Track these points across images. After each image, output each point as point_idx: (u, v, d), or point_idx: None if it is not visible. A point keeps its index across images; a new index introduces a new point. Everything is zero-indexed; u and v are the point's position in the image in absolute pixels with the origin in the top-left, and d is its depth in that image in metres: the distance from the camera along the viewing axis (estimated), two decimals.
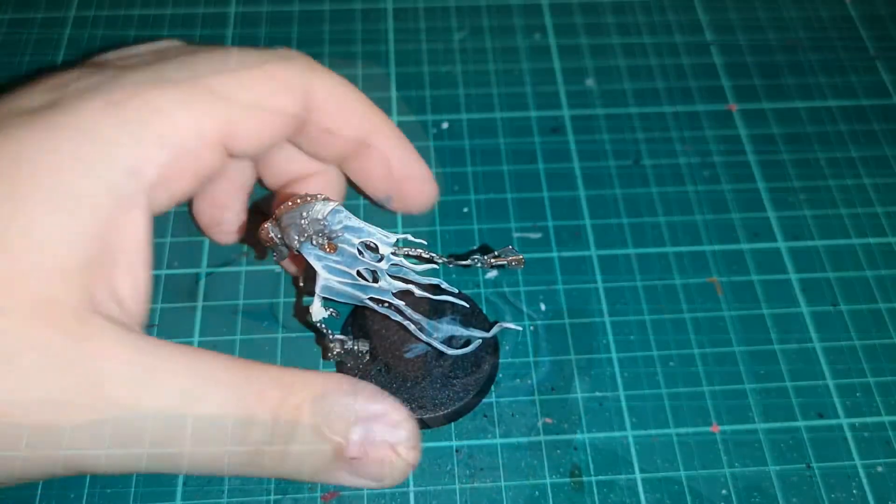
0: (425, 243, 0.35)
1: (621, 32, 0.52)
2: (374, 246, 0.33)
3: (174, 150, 0.25)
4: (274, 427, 0.24)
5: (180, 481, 0.34)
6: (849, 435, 0.36)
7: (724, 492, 0.35)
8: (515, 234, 0.42)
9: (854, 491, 0.35)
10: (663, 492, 0.35)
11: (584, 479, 0.35)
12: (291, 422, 0.24)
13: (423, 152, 0.46)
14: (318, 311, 0.32)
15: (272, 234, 0.33)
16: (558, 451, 0.36)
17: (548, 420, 0.37)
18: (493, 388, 0.37)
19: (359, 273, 0.33)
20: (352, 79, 0.49)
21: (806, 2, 0.54)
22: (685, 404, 0.37)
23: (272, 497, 0.34)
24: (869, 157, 0.46)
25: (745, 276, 0.41)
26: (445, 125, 0.47)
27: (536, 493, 0.35)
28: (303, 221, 0.32)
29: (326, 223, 0.32)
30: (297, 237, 0.32)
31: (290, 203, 0.32)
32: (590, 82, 0.49)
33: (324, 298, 0.33)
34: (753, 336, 0.39)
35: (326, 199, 0.32)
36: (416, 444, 0.27)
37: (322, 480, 0.26)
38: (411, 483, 0.35)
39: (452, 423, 0.36)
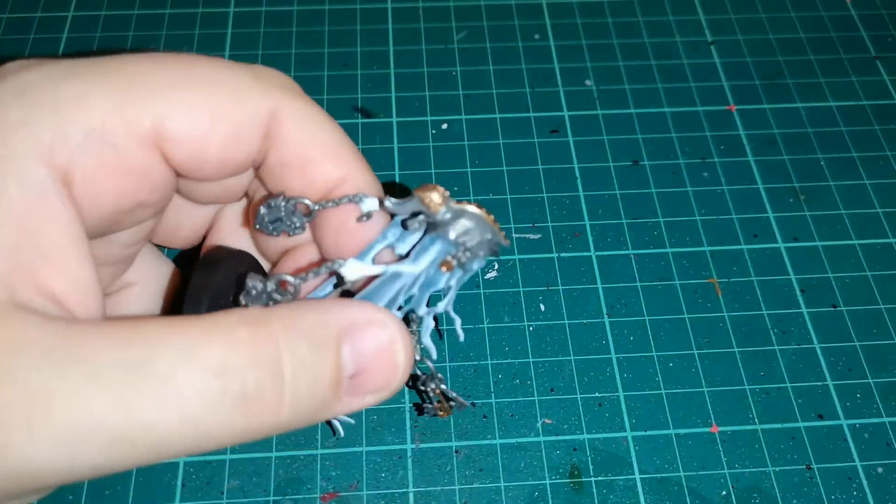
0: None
1: (621, 33, 0.52)
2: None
3: (94, 138, 0.22)
4: (256, 367, 0.21)
5: (179, 482, 0.34)
6: (849, 436, 0.36)
7: (723, 492, 0.35)
8: (515, 235, 0.42)
9: (854, 492, 0.35)
10: (663, 492, 0.35)
11: (584, 479, 0.35)
12: (274, 359, 0.21)
13: (423, 152, 0.46)
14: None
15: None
16: (558, 452, 0.36)
17: (548, 420, 0.36)
18: (492, 388, 0.37)
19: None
20: (352, 79, 0.50)
21: (806, 2, 0.54)
22: (685, 404, 0.37)
23: (271, 497, 0.34)
24: (869, 157, 0.46)
25: (744, 276, 0.41)
26: (445, 125, 0.47)
27: (536, 493, 0.35)
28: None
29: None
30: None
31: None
32: (589, 83, 0.49)
33: None
34: (753, 337, 0.39)
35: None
36: (406, 336, 0.24)
37: (328, 415, 0.23)
38: (411, 483, 0.35)
39: (452, 424, 0.36)
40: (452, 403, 0.31)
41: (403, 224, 0.27)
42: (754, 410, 0.37)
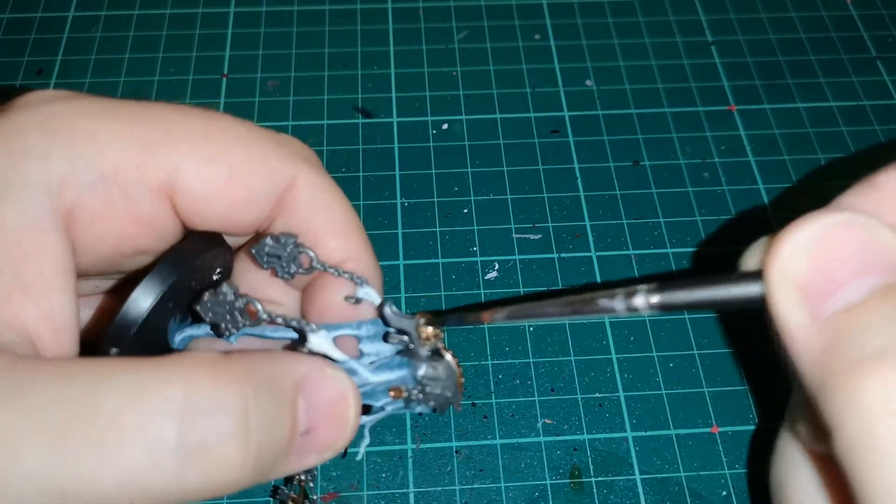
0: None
1: (621, 33, 0.52)
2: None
3: (104, 179, 0.22)
4: (222, 413, 0.19)
5: None
6: None
7: (724, 493, 0.35)
8: (515, 235, 0.42)
9: None
10: (663, 492, 0.35)
11: (584, 479, 0.35)
12: (241, 405, 0.19)
13: (423, 152, 0.46)
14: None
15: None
16: (558, 452, 0.36)
17: (548, 420, 0.36)
18: (493, 388, 0.37)
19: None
20: (352, 79, 0.50)
21: (806, 2, 0.54)
22: (685, 405, 0.37)
23: (272, 498, 0.34)
24: (869, 157, 0.46)
25: None
26: (445, 125, 0.47)
27: (536, 493, 0.35)
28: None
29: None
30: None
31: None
32: (589, 83, 0.49)
33: None
34: (753, 337, 0.39)
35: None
36: (357, 393, 0.23)
37: (274, 476, 0.22)
38: (411, 483, 0.35)
39: (452, 424, 0.36)
40: (307, 502, 0.30)
41: (385, 335, 0.27)
42: (754, 411, 0.37)
